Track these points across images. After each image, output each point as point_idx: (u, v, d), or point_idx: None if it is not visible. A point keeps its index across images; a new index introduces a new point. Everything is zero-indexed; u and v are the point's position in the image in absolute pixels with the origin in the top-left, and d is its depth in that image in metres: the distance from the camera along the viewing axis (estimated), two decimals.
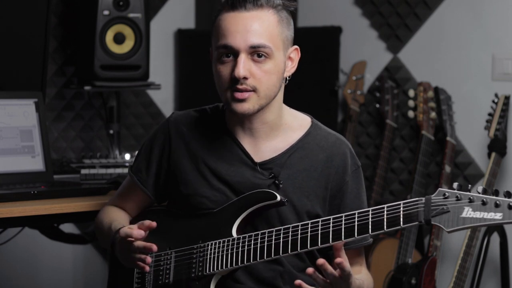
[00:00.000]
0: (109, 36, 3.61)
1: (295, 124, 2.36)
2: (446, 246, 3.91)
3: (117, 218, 2.44)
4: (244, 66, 2.21)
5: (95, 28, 3.57)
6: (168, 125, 2.40)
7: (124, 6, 3.61)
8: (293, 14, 2.32)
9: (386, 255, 3.80)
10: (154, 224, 2.23)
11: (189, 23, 4.31)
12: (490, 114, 3.70)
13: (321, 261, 2.09)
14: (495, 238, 3.70)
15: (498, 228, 3.69)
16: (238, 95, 2.23)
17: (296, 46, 2.33)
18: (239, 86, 2.22)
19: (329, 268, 2.09)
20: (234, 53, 2.23)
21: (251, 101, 2.24)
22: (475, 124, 3.86)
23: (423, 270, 3.64)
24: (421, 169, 3.84)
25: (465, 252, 3.60)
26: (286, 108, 2.37)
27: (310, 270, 2.10)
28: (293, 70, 2.33)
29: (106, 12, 3.59)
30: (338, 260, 2.08)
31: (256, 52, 2.22)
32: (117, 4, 3.60)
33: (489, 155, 3.66)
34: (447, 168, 3.81)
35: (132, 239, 2.22)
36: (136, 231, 2.21)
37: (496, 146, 3.65)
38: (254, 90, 2.23)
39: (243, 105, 2.24)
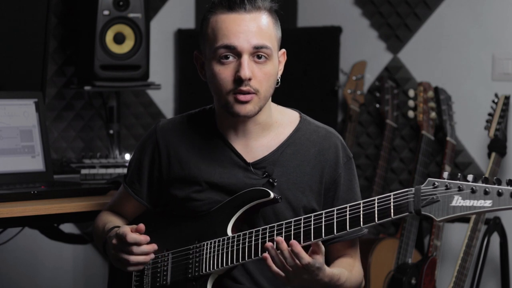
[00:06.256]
0: (109, 36, 3.61)
1: (285, 121, 2.36)
2: (446, 246, 3.91)
3: (111, 220, 2.46)
4: (249, 67, 2.21)
5: (95, 28, 3.57)
6: (156, 134, 2.40)
7: (124, 6, 3.61)
8: (281, 16, 2.32)
9: (386, 255, 3.80)
10: (142, 226, 2.24)
11: (189, 23, 4.31)
12: (490, 114, 3.70)
13: (278, 239, 2.10)
14: (495, 238, 3.70)
15: (498, 228, 3.69)
16: (242, 97, 2.22)
17: (283, 50, 2.34)
18: (243, 88, 2.21)
19: (285, 247, 2.09)
20: (236, 54, 2.22)
21: (253, 103, 2.24)
22: (475, 124, 3.86)
23: (423, 270, 3.64)
24: (421, 169, 3.84)
25: (465, 252, 3.60)
26: (274, 106, 2.37)
27: (268, 244, 2.11)
28: (280, 72, 2.34)
29: (106, 12, 3.59)
30: (296, 248, 2.08)
31: (257, 53, 2.22)
32: (117, 4, 3.60)
33: (489, 155, 3.66)
34: (447, 168, 3.81)
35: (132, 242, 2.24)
36: (143, 237, 2.23)
37: (496, 146, 3.65)
38: (255, 92, 2.23)
39: (246, 107, 2.24)
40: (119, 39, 3.63)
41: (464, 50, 3.94)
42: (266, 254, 2.12)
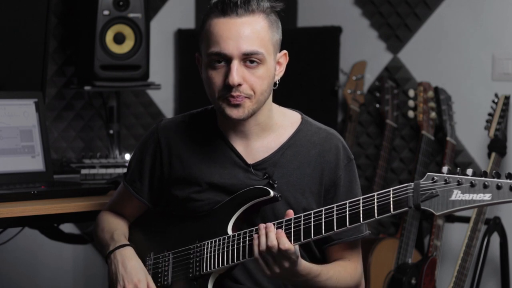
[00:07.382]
0: (109, 36, 3.61)
1: (285, 122, 2.35)
2: (446, 246, 3.91)
3: (117, 227, 2.46)
4: (238, 73, 2.20)
5: (95, 28, 3.57)
6: (158, 133, 2.40)
7: (124, 6, 3.61)
8: (281, 16, 2.31)
9: (386, 255, 3.80)
10: None
11: (189, 23, 4.31)
12: (490, 114, 3.70)
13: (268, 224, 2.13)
14: (495, 238, 3.70)
15: (498, 228, 3.69)
16: (233, 100, 2.22)
17: (285, 51, 2.32)
18: (233, 94, 2.21)
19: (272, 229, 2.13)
20: (226, 60, 2.22)
21: (245, 106, 2.23)
22: (475, 124, 3.86)
23: (423, 270, 3.64)
24: (421, 169, 3.84)
25: (465, 252, 3.60)
26: (275, 107, 2.37)
27: (261, 225, 2.15)
28: (281, 74, 2.33)
29: (106, 12, 3.59)
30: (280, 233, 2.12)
31: (249, 59, 2.21)
32: (117, 4, 3.60)
33: (489, 155, 3.66)
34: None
35: None
36: None
37: (496, 146, 3.65)
38: (248, 97, 2.23)
39: (238, 110, 2.23)
40: (119, 39, 3.63)
41: (464, 50, 3.94)
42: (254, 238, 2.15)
